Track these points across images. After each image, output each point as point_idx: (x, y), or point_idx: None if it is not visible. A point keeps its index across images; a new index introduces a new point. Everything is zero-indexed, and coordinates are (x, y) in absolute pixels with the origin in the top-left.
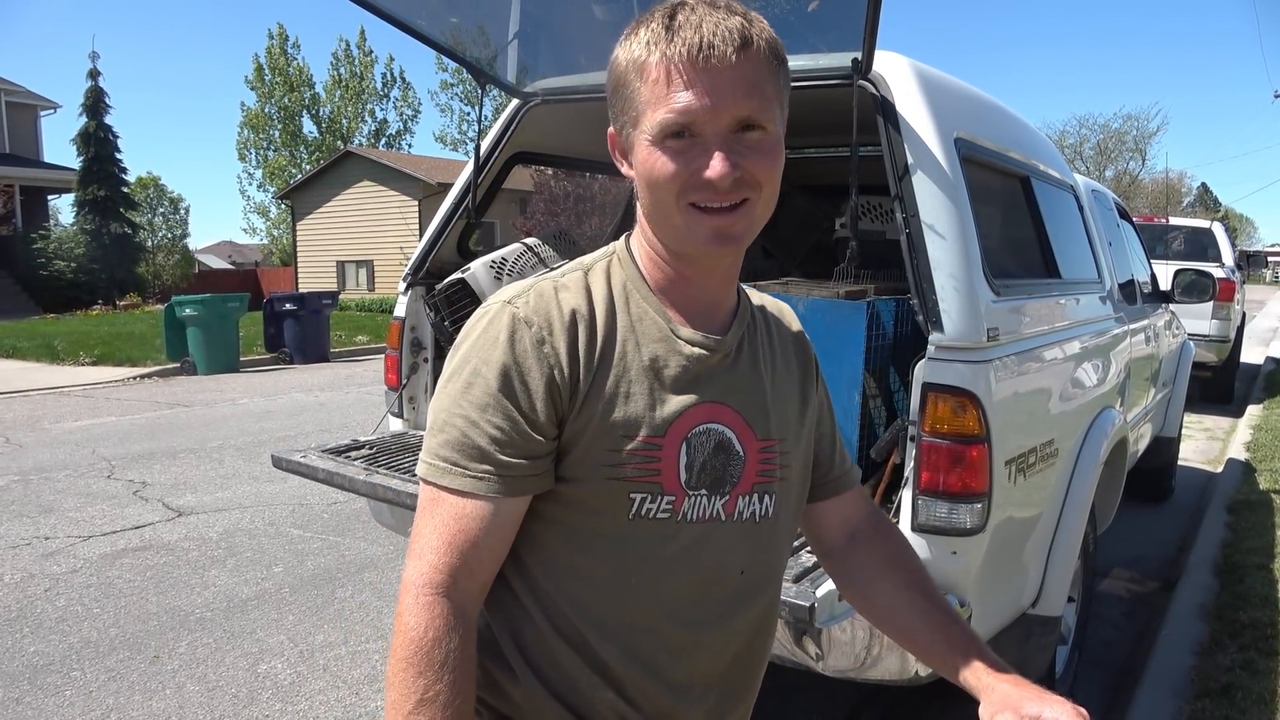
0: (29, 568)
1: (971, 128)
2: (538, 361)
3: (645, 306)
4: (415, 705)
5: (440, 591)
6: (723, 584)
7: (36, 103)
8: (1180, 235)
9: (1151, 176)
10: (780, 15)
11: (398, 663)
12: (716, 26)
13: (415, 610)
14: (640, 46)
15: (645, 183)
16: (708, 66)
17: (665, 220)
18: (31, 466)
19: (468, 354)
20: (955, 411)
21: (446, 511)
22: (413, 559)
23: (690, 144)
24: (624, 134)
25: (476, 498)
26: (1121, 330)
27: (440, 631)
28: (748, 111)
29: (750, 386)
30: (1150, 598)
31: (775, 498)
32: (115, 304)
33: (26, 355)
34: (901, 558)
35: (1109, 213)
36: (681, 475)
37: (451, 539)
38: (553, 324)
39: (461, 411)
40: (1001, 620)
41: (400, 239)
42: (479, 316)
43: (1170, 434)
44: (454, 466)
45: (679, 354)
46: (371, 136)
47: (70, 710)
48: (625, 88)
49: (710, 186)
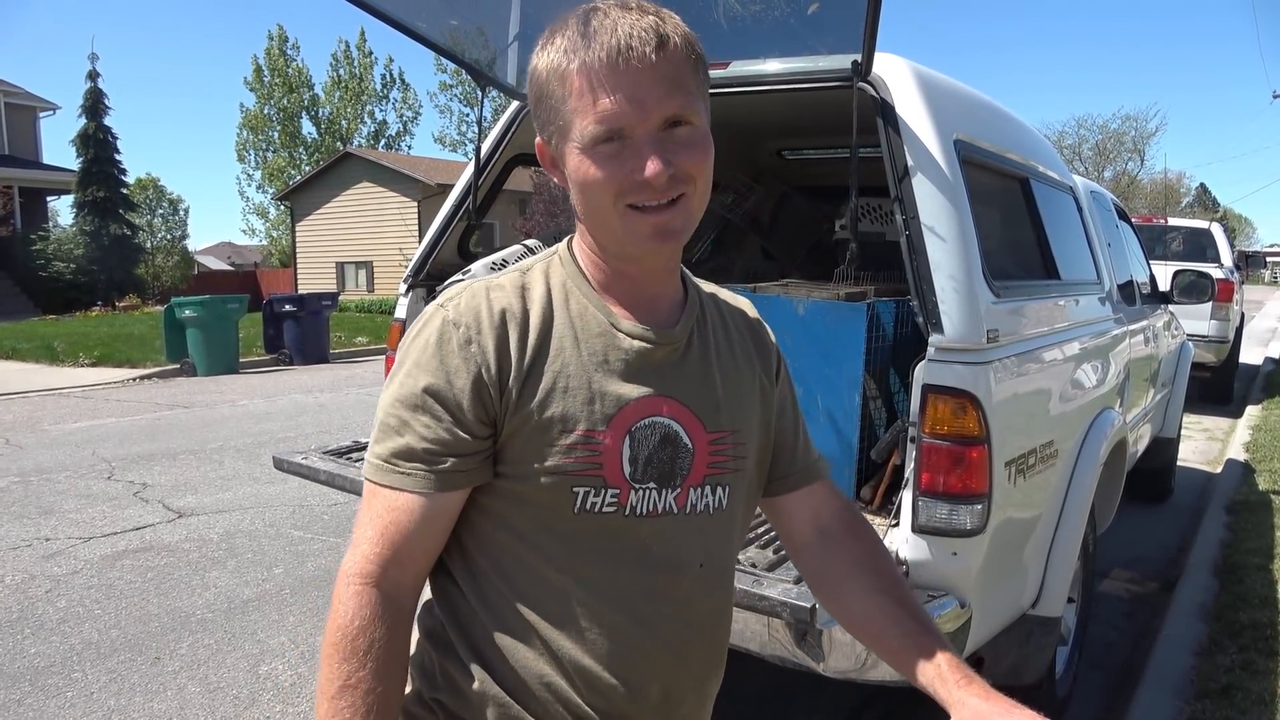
0: (30, 569)
1: (971, 129)
2: (464, 361)
3: (586, 303)
4: (338, 690)
5: (370, 581)
6: (681, 578)
7: (36, 104)
8: (1179, 236)
9: (1150, 177)
10: (780, 18)
11: (326, 648)
12: (632, 28)
13: (345, 598)
14: (559, 55)
15: (580, 189)
16: (628, 69)
17: (604, 223)
18: (32, 468)
19: (404, 356)
20: (955, 413)
21: (380, 505)
22: (350, 549)
23: (621, 147)
24: (553, 144)
25: (407, 492)
26: (1121, 331)
27: (366, 620)
28: (674, 109)
29: (700, 379)
30: (1150, 598)
31: (729, 489)
32: (115, 305)
33: (26, 356)
34: (874, 559)
35: (1108, 213)
36: (626, 468)
37: (383, 531)
38: (481, 323)
39: (395, 412)
40: (1002, 621)
41: (399, 240)
42: (418, 320)
43: (1170, 434)
44: (385, 463)
45: (620, 348)
46: (371, 138)
47: (72, 711)
48: (549, 98)
49: (646, 187)
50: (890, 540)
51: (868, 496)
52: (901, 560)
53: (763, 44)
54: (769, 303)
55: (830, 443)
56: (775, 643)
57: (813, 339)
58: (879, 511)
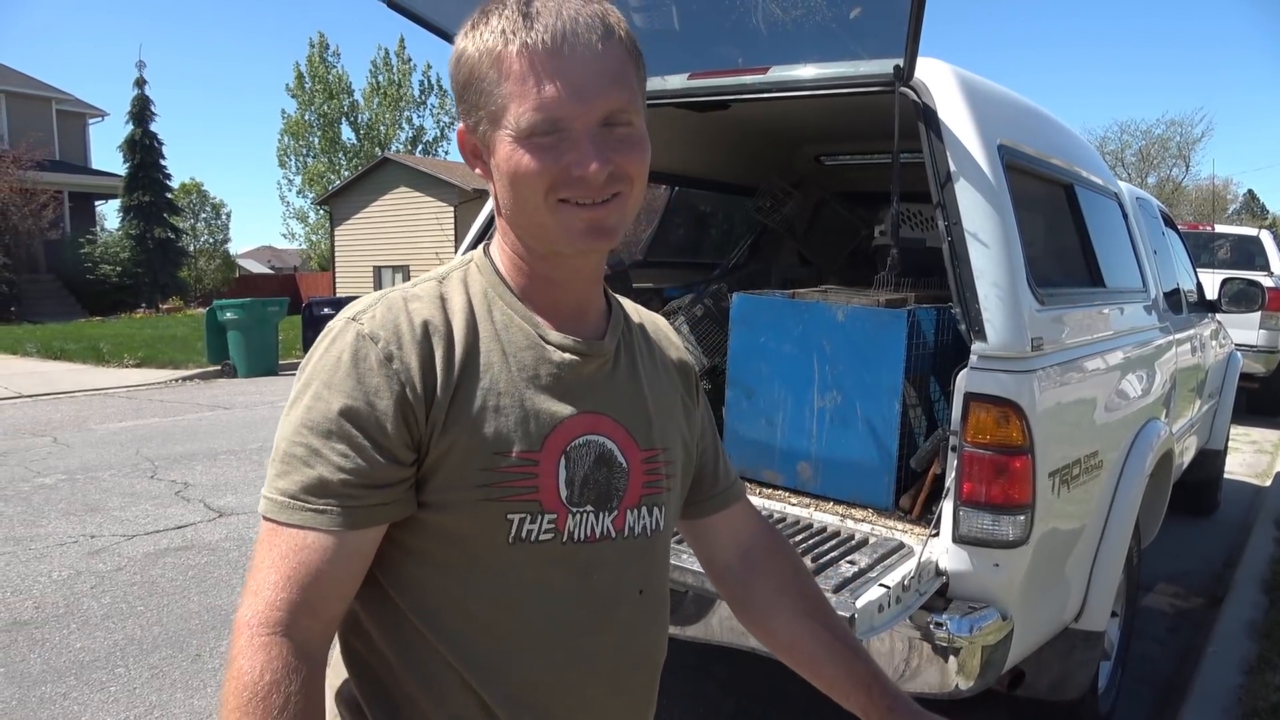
0: (76, 565)
1: (1014, 134)
2: (386, 380)
3: (510, 313)
4: None
5: (278, 631)
6: (621, 607)
7: (85, 111)
8: (1226, 243)
9: (1196, 183)
10: (822, 22)
11: (230, 712)
12: (577, 14)
13: (249, 652)
14: (494, 36)
15: (509, 181)
16: (573, 55)
17: (532, 219)
18: (78, 466)
19: (310, 376)
20: (998, 422)
21: (285, 545)
22: (248, 596)
23: (557, 139)
24: (479, 131)
25: (319, 531)
26: (1167, 340)
27: (279, 674)
28: (617, 104)
29: (630, 394)
30: (1195, 614)
31: (664, 510)
32: (158, 307)
33: (74, 357)
34: (798, 582)
35: (1154, 220)
36: (562, 491)
37: (290, 574)
38: (402, 338)
39: (302, 440)
40: (1044, 635)
41: (436, 245)
42: (323, 335)
43: (1216, 446)
44: (293, 500)
45: (549, 361)
46: (409, 143)
47: (115, 706)
48: (479, 81)
49: (582, 183)
50: (930, 550)
51: (906, 505)
52: (942, 571)
53: (802, 48)
54: (808, 309)
55: (869, 450)
56: None
57: (852, 346)
58: (918, 521)
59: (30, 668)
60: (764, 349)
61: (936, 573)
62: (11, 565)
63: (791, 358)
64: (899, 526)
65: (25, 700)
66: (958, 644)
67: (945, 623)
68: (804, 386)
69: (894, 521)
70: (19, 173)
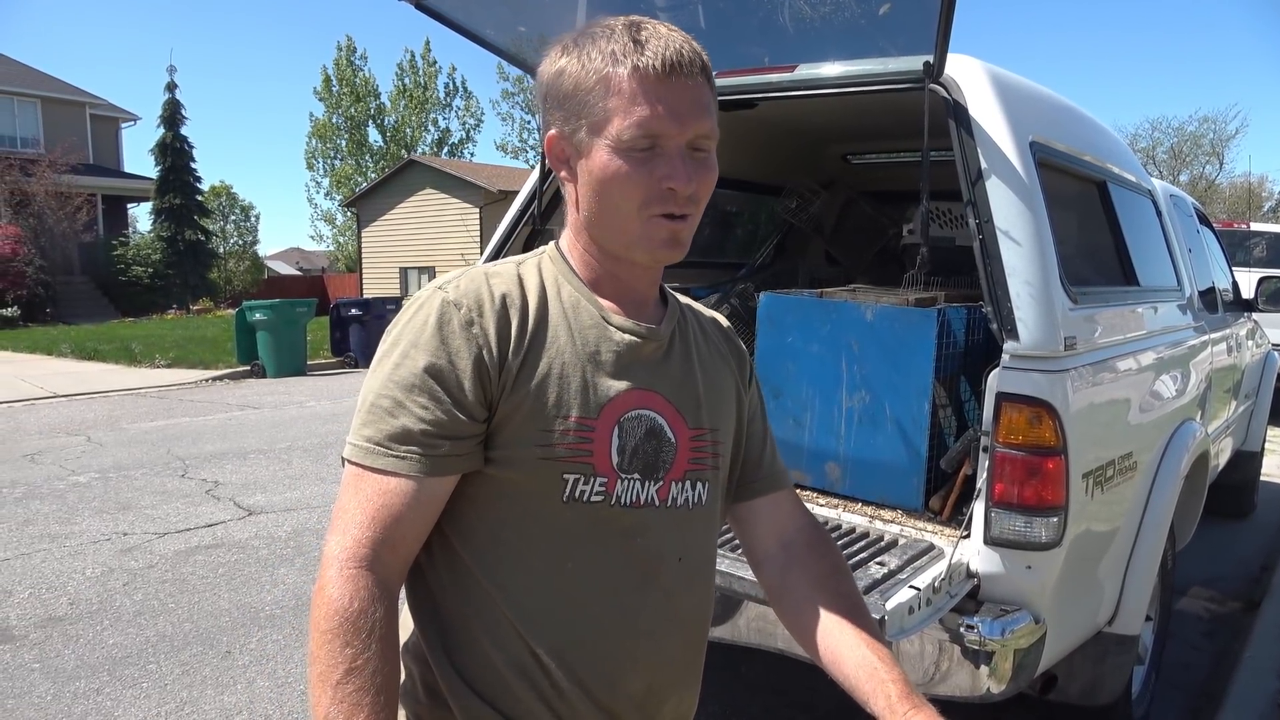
0: (108, 562)
1: (1046, 131)
2: (466, 342)
3: (578, 296)
4: (344, 675)
5: (364, 565)
6: (662, 571)
7: (118, 115)
8: (1263, 241)
9: (1230, 180)
10: (850, 19)
11: (321, 634)
12: (681, 46)
13: (339, 582)
14: (603, 57)
15: (601, 185)
16: (677, 82)
17: (618, 222)
18: (111, 465)
19: (398, 337)
20: (1031, 422)
21: (370, 488)
22: (335, 534)
23: (652, 155)
24: (575, 138)
25: (401, 476)
26: (1202, 340)
27: (365, 602)
28: (704, 130)
29: (683, 376)
30: (1232, 618)
31: (708, 486)
32: (189, 308)
33: (106, 357)
34: (835, 580)
35: (1188, 218)
36: (614, 457)
37: (375, 514)
38: (482, 306)
39: (388, 393)
40: (1077, 638)
41: (461, 246)
42: (411, 303)
43: (1253, 448)
44: (378, 447)
45: (611, 340)
46: (434, 145)
47: (147, 702)
48: (584, 94)
49: (672, 196)
50: (961, 552)
51: (936, 506)
52: (973, 573)
53: (830, 46)
54: (836, 308)
55: (898, 451)
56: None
57: (881, 345)
58: (949, 522)
59: (65, 663)
60: (791, 349)
61: (967, 575)
62: (47, 562)
63: (819, 357)
64: (929, 528)
65: (60, 695)
66: (989, 647)
67: (977, 625)
68: (832, 386)
69: (923, 523)
70: (54, 176)
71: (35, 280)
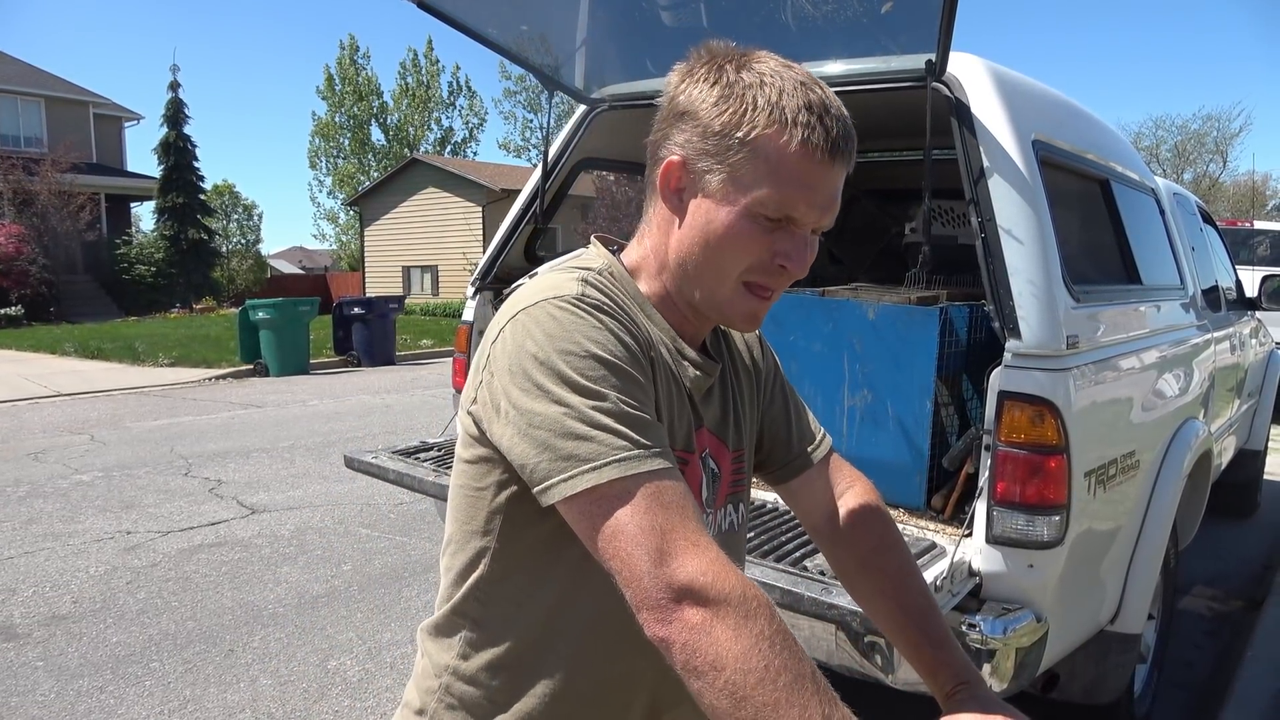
0: (112, 561)
1: (1049, 129)
2: (631, 337)
3: (653, 325)
4: (812, 671)
5: (727, 567)
6: None
7: (121, 114)
8: (1266, 240)
9: (1234, 178)
10: (852, 17)
11: (762, 638)
12: (848, 124)
13: (730, 579)
14: (770, 110)
15: (715, 240)
16: (836, 169)
17: (711, 281)
18: (114, 463)
19: (551, 349)
20: (1033, 421)
21: (649, 501)
22: (655, 567)
23: (778, 228)
24: (705, 177)
25: (663, 477)
26: (1205, 338)
27: (768, 619)
28: (832, 218)
29: (721, 403)
30: (1234, 617)
31: (742, 504)
32: (192, 307)
33: (110, 356)
34: (880, 555)
35: (1191, 217)
36: (704, 492)
37: (681, 516)
38: (619, 307)
39: (599, 393)
40: (1079, 636)
41: (464, 244)
42: (534, 317)
43: (1256, 447)
44: (633, 449)
45: (686, 375)
46: (437, 144)
47: (150, 700)
48: (737, 143)
49: (781, 274)
50: (963, 551)
51: (939, 505)
52: (975, 571)
53: (832, 44)
54: (838, 307)
55: (900, 449)
56: (842, 652)
57: (883, 344)
58: (950, 521)
59: (68, 661)
60: (793, 347)
61: (969, 573)
62: (50, 560)
63: (821, 356)
64: (930, 526)
65: (63, 693)
66: (992, 646)
67: (979, 624)
68: (834, 385)
69: (925, 521)
70: (58, 175)
71: (39, 279)
